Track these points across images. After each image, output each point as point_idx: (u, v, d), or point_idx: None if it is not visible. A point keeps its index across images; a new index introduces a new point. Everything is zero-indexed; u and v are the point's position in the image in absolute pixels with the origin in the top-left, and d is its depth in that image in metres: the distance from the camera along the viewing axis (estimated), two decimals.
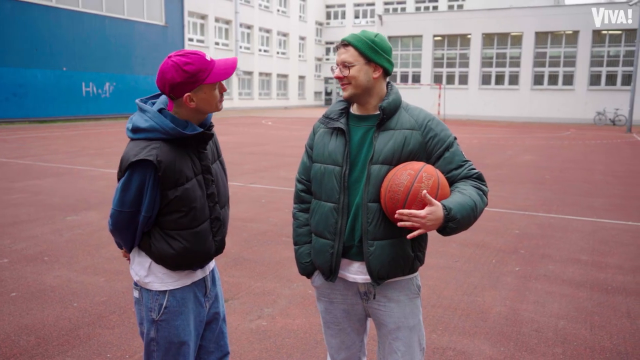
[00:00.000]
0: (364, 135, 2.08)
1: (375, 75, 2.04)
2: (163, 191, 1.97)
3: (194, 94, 1.94)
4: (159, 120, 1.94)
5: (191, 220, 2.03)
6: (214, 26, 37.30)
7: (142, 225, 2.02)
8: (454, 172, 2.05)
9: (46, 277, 4.72)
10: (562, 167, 12.21)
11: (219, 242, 2.17)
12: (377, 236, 2.02)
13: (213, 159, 2.17)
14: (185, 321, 2.11)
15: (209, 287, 2.22)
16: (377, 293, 2.12)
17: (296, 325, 3.82)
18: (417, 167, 1.93)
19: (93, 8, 25.96)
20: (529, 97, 32.63)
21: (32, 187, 8.89)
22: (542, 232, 6.43)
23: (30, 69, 23.04)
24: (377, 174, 2.00)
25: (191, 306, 2.12)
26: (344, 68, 2.04)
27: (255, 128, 23.29)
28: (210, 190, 2.10)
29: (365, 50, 2.02)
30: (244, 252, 5.51)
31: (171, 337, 2.09)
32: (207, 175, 2.09)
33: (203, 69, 1.92)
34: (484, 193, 2.04)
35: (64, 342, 3.52)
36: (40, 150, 14.02)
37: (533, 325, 3.84)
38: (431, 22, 34.78)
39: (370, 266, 2.04)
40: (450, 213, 1.86)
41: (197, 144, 2.05)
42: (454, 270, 5.02)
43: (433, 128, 2.06)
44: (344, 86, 2.06)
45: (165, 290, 2.07)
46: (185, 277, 2.11)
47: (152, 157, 1.90)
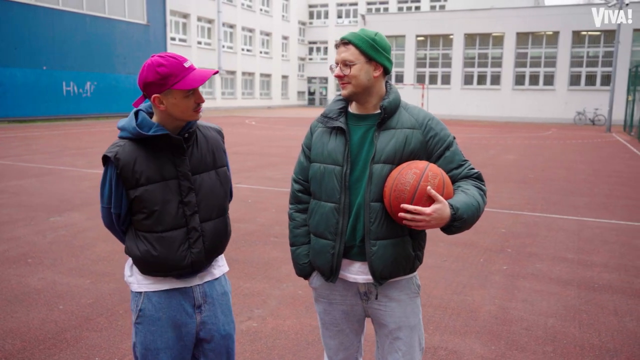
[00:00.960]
0: (364, 134, 2.07)
1: (375, 74, 2.03)
2: (126, 190, 1.99)
3: (164, 97, 1.92)
4: (128, 120, 1.99)
5: (155, 223, 1.99)
6: (197, 25, 37.05)
7: (116, 222, 2.05)
8: (454, 171, 2.05)
9: (30, 279, 4.62)
10: (545, 167, 12.34)
11: (197, 255, 2.06)
12: (379, 236, 2.01)
13: (203, 168, 2.09)
14: (162, 328, 2.04)
15: (197, 299, 2.11)
16: (378, 293, 2.11)
17: (287, 326, 3.80)
18: (422, 166, 1.93)
19: (73, 6, 25.60)
20: (510, 97, 32.98)
21: (12, 187, 8.73)
22: (528, 231, 6.49)
23: (9, 68, 22.64)
24: (379, 173, 1.99)
25: (171, 314, 2.05)
26: (344, 67, 2.02)
27: (239, 128, 23.18)
28: (187, 199, 2.03)
29: (367, 48, 2.00)
30: (231, 252, 5.46)
31: (147, 342, 2.04)
32: (183, 181, 2.02)
33: (175, 74, 1.90)
34: (484, 193, 2.05)
35: (51, 345, 3.45)
36: (20, 150, 13.78)
37: (523, 324, 3.87)
38: (414, 22, 34.96)
39: (372, 266, 2.03)
40: (458, 213, 1.87)
41: (168, 148, 2.00)
42: (443, 270, 5.04)
43: (433, 127, 2.06)
44: (343, 85, 2.04)
45: (141, 292, 2.06)
46: (161, 281, 2.05)
47: (111, 154, 1.95)
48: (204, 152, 2.10)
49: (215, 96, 39.49)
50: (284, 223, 6.48)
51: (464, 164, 2.07)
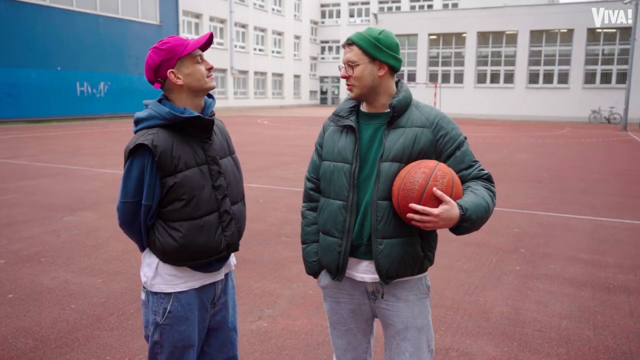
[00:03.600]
0: (374, 133, 2.07)
1: (380, 74, 2.02)
2: (162, 178, 1.97)
3: (177, 70, 1.99)
4: (156, 107, 2.00)
5: (193, 209, 2.00)
6: (209, 25, 37.17)
7: (144, 216, 2.01)
8: (464, 172, 2.03)
9: (43, 278, 4.66)
10: (559, 166, 12.21)
11: (230, 238, 2.11)
12: (386, 234, 2.00)
13: (223, 153, 2.16)
14: (191, 327, 2.07)
15: (218, 295, 2.17)
16: (385, 292, 2.09)
17: (297, 326, 3.78)
18: (431, 166, 1.91)
19: (87, 7, 25.81)
20: (524, 95, 32.71)
21: (27, 187, 8.81)
22: (542, 231, 6.41)
23: (24, 68, 22.88)
24: (387, 171, 1.98)
25: (197, 312, 2.09)
26: (348, 67, 2.03)
27: (251, 127, 23.22)
28: (218, 183, 2.07)
29: (369, 48, 1.99)
30: (242, 252, 5.45)
31: (175, 341, 2.06)
32: (212, 166, 2.06)
33: (179, 44, 1.99)
34: (494, 194, 2.03)
35: (62, 344, 3.47)
36: (35, 150, 13.91)
37: (536, 325, 3.82)
38: (426, 20, 34.80)
39: (379, 265, 2.01)
40: (467, 213, 1.85)
41: (199, 133, 2.04)
42: (455, 270, 5.00)
43: (444, 126, 2.04)
44: (349, 86, 2.06)
45: (170, 292, 2.04)
46: (192, 278, 2.06)
47: (147, 142, 1.92)
48: (221, 139, 2.18)
49: (228, 96, 39.61)
50: (295, 223, 6.47)
51: (474, 165, 2.05)
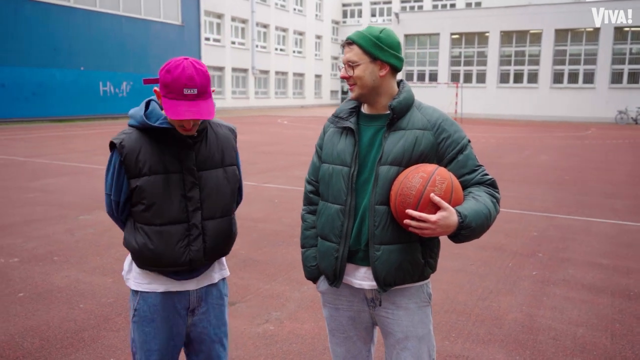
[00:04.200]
0: (374, 135, 2.00)
1: (381, 74, 1.95)
2: (128, 179, 1.98)
3: (163, 97, 1.88)
4: (137, 109, 2.00)
5: (153, 216, 1.97)
6: (230, 25, 37.35)
7: (115, 209, 2.04)
8: (466, 176, 1.94)
9: (54, 277, 4.68)
10: (582, 167, 11.94)
11: (195, 253, 2.02)
12: (384, 240, 1.92)
13: (211, 165, 2.05)
14: (156, 330, 2.04)
15: (194, 302, 2.10)
16: (384, 300, 2.02)
17: (304, 330, 3.72)
18: (430, 170, 1.83)
19: (110, 8, 26.13)
20: (548, 95, 32.15)
21: (47, 186, 8.91)
22: (561, 235, 6.25)
23: (49, 68, 23.26)
24: (386, 175, 1.91)
25: (165, 315, 2.04)
26: (349, 68, 1.96)
27: (271, 127, 23.24)
28: (191, 194, 2.00)
29: (370, 47, 1.92)
30: (253, 253, 5.42)
31: (141, 342, 2.06)
32: (187, 176, 1.99)
33: (170, 90, 1.84)
34: (497, 201, 1.94)
35: (68, 344, 3.46)
36: (58, 149, 14.11)
37: (550, 333, 3.69)
38: (448, 20, 34.44)
39: (376, 271, 1.94)
40: (465, 221, 1.77)
41: (176, 142, 1.97)
42: (469, 274, 4.88)
43: (446, 129, 1.95)
44: (350, 87, 1.99)
45: (137, 291, 2.05)
46: (155, 282, 2.03)
47: (117, 141, 1.95)
48: (213, 150, 2.08)
49: (249, 95, 39.76)
50: None
51: (478, 170, 1.96)
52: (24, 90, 22.32)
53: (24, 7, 22.07)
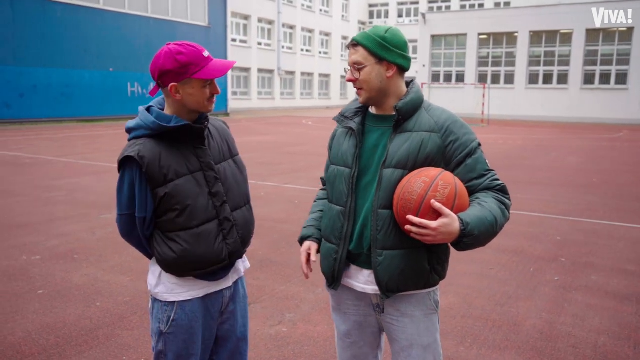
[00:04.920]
0: (380, 137, 1.95)
1: (389, 75, 1.90)
2: (153, 189, 1.90)
3: (181, 86, 1.88)
4: (143, 116, 1.94)
5: (188, 219, 1.93)
6: (257, 26, 37.55)
7: (141, 228, 1.96)
8: (474, 181, 1.87)
9: (74, 275, 4.74)
10: (611, 170, 11.64)
11: (233, 246, 2.03)
12: (386, 245, 1.87)
13: (222, 157, 2.07)
14: (195, 336, 2.02)
15: (226, 303, 2.10)
16: (389, 306, 1.98)
17: (317, 332, 3.69)
18: (433, 174, 1.77)
19: (139, 10, 26.51)
20: (578, 96, 31.47)
21: (71, 185, 9.07)
22: (585, 239, 6.08)
23: (79, 69, 23.70)
24: (389, 178, 1.86)
25: (202, 321, 2.03)
26: (355, 70, 1.91)
27: (295, 128, 23.27)
28: (215, 189, 1.99)
29: (375, 48, 1.87)
30: (271, 254, 5.41)
31: (179, 350, 2.00)
32: (208, 172, 1.98)
33: (195, 62, 1.86)
34: (507, 207, 1.86)
35: (83, 342, 3.50)
36: (84, 148, 14.36)
37: (570, 341, 3.59)
38: (476, 20, 34.00)
39: (378, 277, 1.90)
40: (467, 228, 1.70)
41: (189, 140, 1.96)
42: (488, 279, 4.78)
43: (455, 131, 1.88)
44: (358, 91, 1.94)
45: (173, 301, 1.99)
46: (195, 287, 2.00)
47: (133, 153, 1.87)
48: (219, 142, 2.09)
49: (274, 96, 39.91)
50: None
51: (487, 174, 1.88)
52: (54, 90, 22.79)
53: (54, 9, 22.54)
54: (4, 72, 20.90)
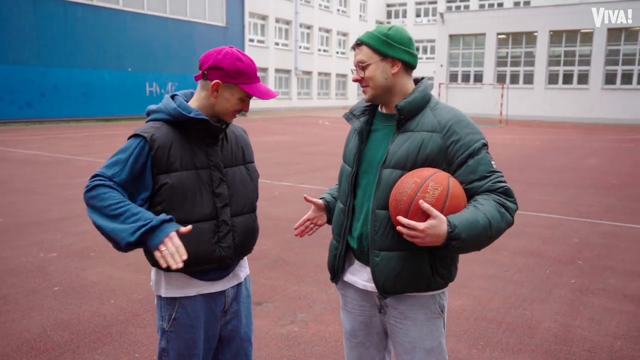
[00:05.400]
0: (385, 136, 1.95)
1: (393, 71, 1.88)
2: (155, 175, 1.90)
3: (224, 87, 1.93)
4: (165, 102, 1.97)
5: (184, 213, 1.91)
6: (274, 26, 37.65)
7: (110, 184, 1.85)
8: (475, 183, 1.80)
9: (89, 272, 4.79)
10: (632, 172, 11.44)
11: (226, 250, 2.01)
12: (383, 246, 1.86)
13: (234, 162, 2.08)
14: (196, 335, 2.02)
15: (229, 303, 2.11)
16: (392, 308, 1.97)
17: (329, 332, 3.68)
18: (425, 175, 1.74)
19: (157, 10, 26.74)
20: (599, 97, 31.01)
21: None
22: (604, 242, 5.98)
23: (98, 69, 23.99)
24: (388, 179, 1.85)
25: (203, 320, 2.03)
26: (359, 69, 1.91)
27: (312, 128, 23.28)
28: (219, 190, 1.99)
29: (378, 45, 1.87)
30: (284, 254, 5.42)
31: (181, 349, 2.01)
32: (214, 172, 1.99)
33: (248, 74, 1.93)
34: (509, 210, 1.79)
35: (96, 339, 3.53)
36: (102, 147, 14.52)
37: (585, 345, 3.53)
38: (495, 19, 33.69)
39: (375, 277, 1.90)
40: (455, 231, 1.65)
41: (203, 136, 1.97)
42: (503, 281, 4.73)
43: (457, 131, 1.83)
44: (363, 89, 1.94)
45: (174, 298, 1.99)
46: (192, 285, 2.00)
47: (147, 134, 1.89)
48: (234, 147, 2.10)
49: (291, 96, 39.97)
50: None
51: (490, 176, 1.81)
52: (74, 90, 23.09)
53: (75, 10, 22.85)
54: (26, 72, 21.25)
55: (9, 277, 4.62)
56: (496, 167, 1.85)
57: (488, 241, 1.74)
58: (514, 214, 1.81)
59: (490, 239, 1.74)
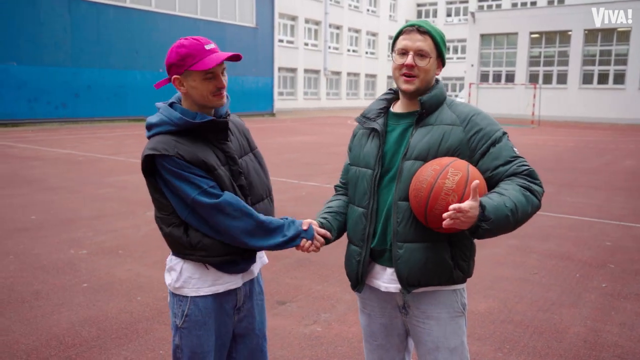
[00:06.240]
0: (402, 133, 1.95)
1: (438, 72, 1.94)
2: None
3: (184, 79, 1.92)
4: (167, 112, 1.95)
5: None
6: (304, 27, 37.75)
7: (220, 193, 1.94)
8: (500, 168, 1.82)
9: (118, 269, 4.88)
10: None
11: None
12: (407, 238, 1.86)
13: (243, 151, 2.10)
14: (209, 332, 2.03)
15: (241, 300, 2.11)
16: (415, 308, 1.95)
17: (352, 333, 3.66)
18: (444, 163, 1.75)
19: (189, 12, 27.11)
20: (636, 97, 30.15)
21: (120, 182, 9.35)
22: (637, 246, 5.82)
23: (131, 70, 24.44)
24: (409, 170, 1.85)
25: (215, 317, 2.05)
26: (419, 57, 1.87)
27: (340, 128, 23.26)
28: (239, 183, 2.02)
29: (441, 43, 1.91)
30: (309, 253, 5.41)
31: (193, 346, 2.03)
32: (233, 166, 2.01)
33: (193, 54, 1.88)
34: (534, 194, 1.79)
35: (122, 335, 3.59)
36: (134, 147, 14.77)
37: (616, 351, 3.43)
38: (527, 18, 33.09)
39: (398, 271, 1.88)
40: (485, 212, 1.66)
41: (214, 136, 1.98)
42: (531, 284, 4.64)
43: (478, 122, 1.86)
44: (410, 78, 1.88)
45: (188, 296, 2.01)
46: (210, 282, 2.01)
47: (168, 152, 1.87)
48: (239, 137, 2.12)
49: (320, 97, 40.02)
50: None
51: (515, 161, 1.83)
52: (106, 91, 23.56)
53: (107, 11, 23.32)
54: (60, 73, 21.77)
55: (40, 273, 4.74)
56: (519, 153, 1.88)
57: (514, 225, 1.74)
58: (540, 197, 1.81)
59: (517, 223, 1.74)
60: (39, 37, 20.91)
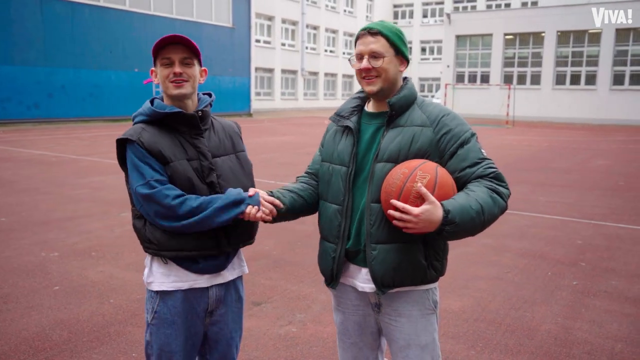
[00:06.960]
0: (374, 133, 1.96)
1: (401, 69, 1.94)
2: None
3: (156, 69, 2.07)
4: (144, 104, 2.07)
5: None
6: (281, 27, 37.68)
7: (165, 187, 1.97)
8: (467, 170, 1.84)
9: (90, 272, 4.80)
10: (639, 174, 11.35)
11: (221, 239, 2.02)
12: (380, 239, 1.87)
13: (222, 151, 2.11)
14: (177, 331, 2.03)
15: (212, 303, 2.09)
16: (387, 305, 1.96)
17: (326, 333, 3.67)
18: (413, 165, 1.77)
19: (164, 11, 26.83)
20: (607, 98, 30.80)
21: (95, 183, 9.21)
22: (608, 244, 5.94)
23: (105, 70, 24.10)
24: (381, 172, 1.86)
25: (185, 318, 2.03)
26: (373, 59, 1.89)
27: (317, 128, 23.26)
28: (209, 179, 2.02)
29: (396, 41, 1.91)
30: (285, 254, 5.41)
31: (162, 344, 2.04)
32: (203, 162, 2.02)
33: (157, 45, 2.02)
34: (501, 195, 1.81)
35: (94, 338, 3.54)
36: (109, 147, 14.56)
37: (585, 347, 3.50)
38: (502, 20, 33.55)
39: (373, 272, 1.89)
40: (449, 216, 1.67)
41: (188, 129, 2.04)
42: (504, 282, 4.70)
43: (447, 123, 1.88)
44: (372, 79, 1.91)
45: (157, 291, 2.03)
46: (181, 279, 2.01)
47: (133, 137, 1.96)
48: (222, 137, 2.15)
49: (298, 97, 39.99)
50: None
51: (481, 162, 1.85)
52: (81, 91, 23.19)
53: (82, 11, 22.96)
54: (33, 73, 21.36)
55: (10, 276, 4.64)
56: (486, 154, 1.89)
57: (481, 227, 1.75)
58: (507, 199, 1.84)
59: (483, 225, 1.75)
60: (9, 36, 20.48)
